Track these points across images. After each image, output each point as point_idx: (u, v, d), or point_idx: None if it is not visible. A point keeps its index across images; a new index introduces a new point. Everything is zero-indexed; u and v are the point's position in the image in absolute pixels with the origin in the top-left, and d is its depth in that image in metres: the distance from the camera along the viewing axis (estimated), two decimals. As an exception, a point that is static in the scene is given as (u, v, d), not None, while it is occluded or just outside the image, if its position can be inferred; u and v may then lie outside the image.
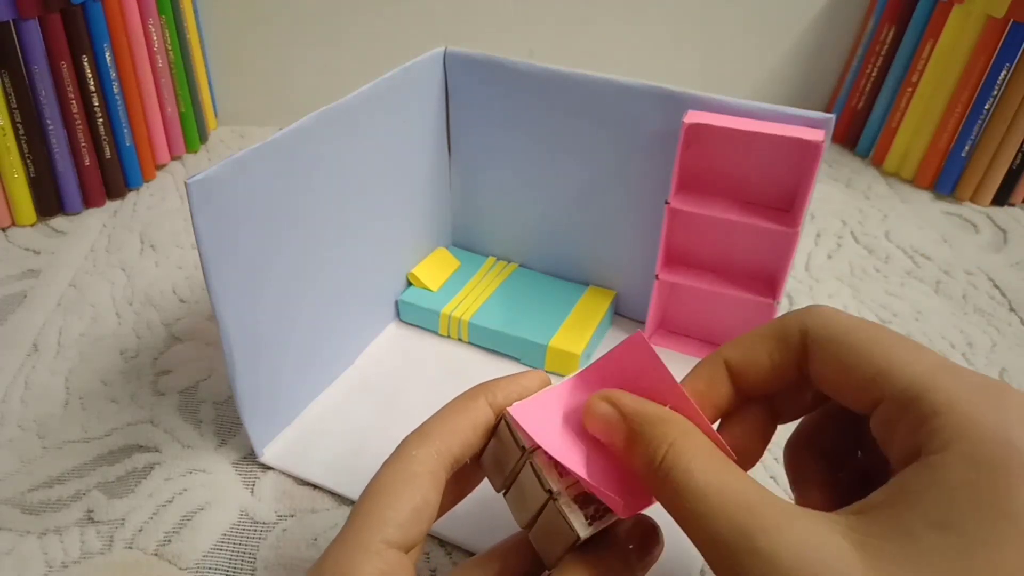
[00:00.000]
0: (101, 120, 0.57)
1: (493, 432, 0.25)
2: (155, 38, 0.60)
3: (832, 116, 0.34)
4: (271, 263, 0.33)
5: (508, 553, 0.25)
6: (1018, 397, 0.18)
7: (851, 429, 0.25)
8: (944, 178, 0.63)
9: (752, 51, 0.73)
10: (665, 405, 0.23)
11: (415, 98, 0.41)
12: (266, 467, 0.36)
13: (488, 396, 0.25)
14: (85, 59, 0.54)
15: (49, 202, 0.56)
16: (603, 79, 0.39)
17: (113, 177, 0.59)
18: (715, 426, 0.25)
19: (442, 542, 0.32)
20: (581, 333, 0.42)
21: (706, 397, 0.24)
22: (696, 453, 0.20)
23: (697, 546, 0.19)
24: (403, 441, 0.24)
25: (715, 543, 0.18)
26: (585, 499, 0.23)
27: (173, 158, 0.65)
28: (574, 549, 0.22)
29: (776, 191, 0.38)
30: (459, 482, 0.26)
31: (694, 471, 0.20)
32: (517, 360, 0.42)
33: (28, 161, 0.54)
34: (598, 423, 0.23)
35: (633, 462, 0.22)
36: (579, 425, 0.24)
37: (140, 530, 0.33)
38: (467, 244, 0.50)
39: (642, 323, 0.45)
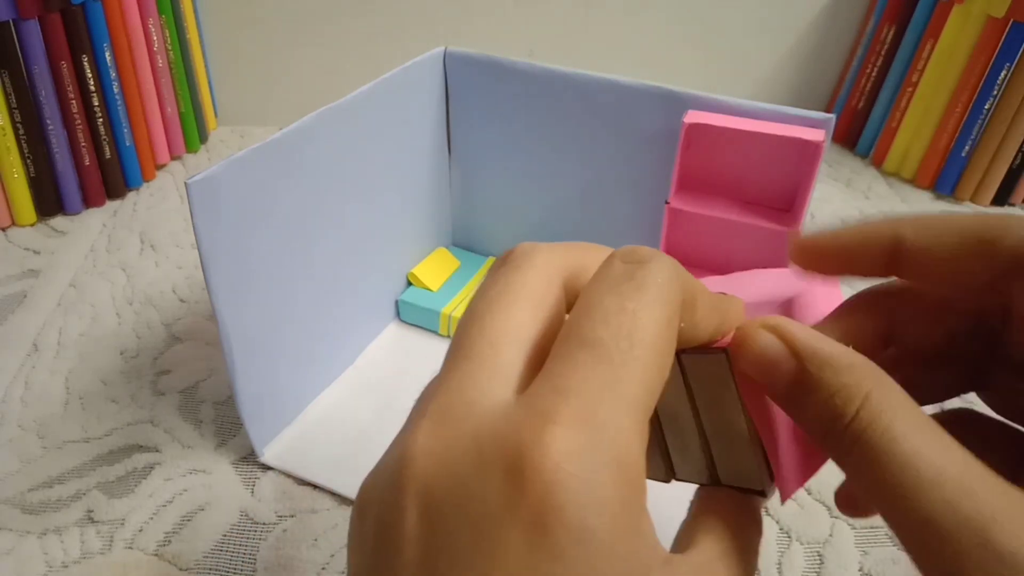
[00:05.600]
0: (101, 120, 0.57)
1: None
2: (155, 38, 0.60)
3: (832, 116, 0.34)
4: (271, 263, 0.33)
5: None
6: None
7: None
8: (944, 178, 0.63)
9: (752, 51, 0.73)
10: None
11: (415, 98, 0.41)
12: (266, 467, 0.36)
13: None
14: (85, 59, 0.54)
15: (49, 202, 0.56)
16: (603, 79, 0.39)
17: (113, 177, 0.59)
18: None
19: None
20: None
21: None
22: (898, 410, 0.16)
23: (894, 524, 0.15)
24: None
25: (927, 527, 0.14)
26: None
27: (173, 158, 0.65)
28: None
29: (776, 191, 0.38)
30: None
31: (898, 434, 0.15)
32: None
33: (28, 161, 0.54)
34: (755, 357, 0.17)
35: (800, 414, 0.17)
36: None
37: (140, 530, 0.33)
38: (467, 244, 0.50)
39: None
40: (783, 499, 0.19)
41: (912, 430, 0.15)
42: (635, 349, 0.15)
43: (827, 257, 0.20)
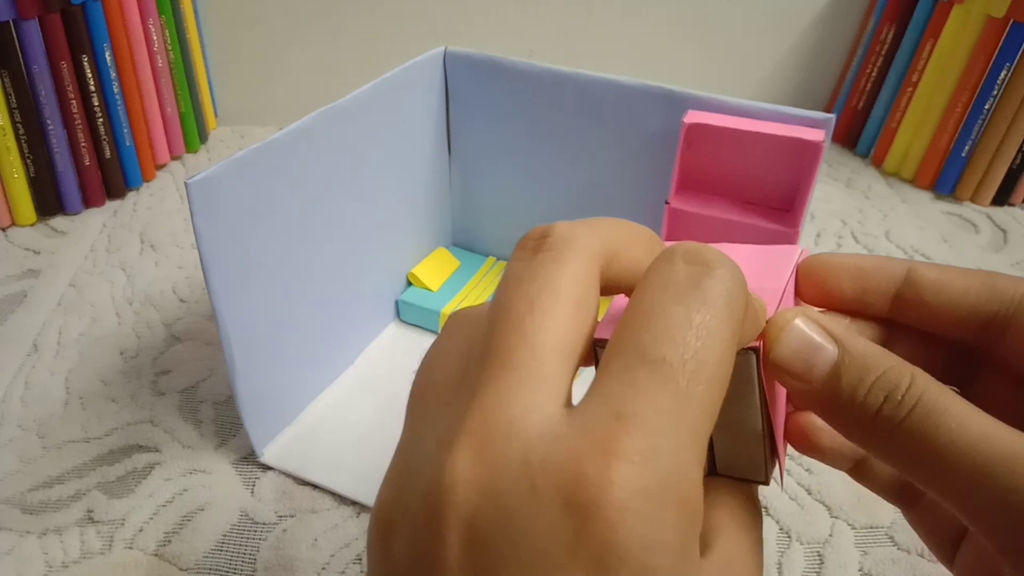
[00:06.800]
0: (101, 120, 0.57)
1: None
2: (155, 38, 0.60)
3: (832, 116, 0.34)
4: (271, 263, 0.33)
5: None
6: None
7: None
8: (944, 178, 0.63)
9: (752, 51, 0.73)
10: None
11: (415, 98, 0.41)
12: (266, 467, 0.36)
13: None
14: (85, 59, 0.54)
15: (49, 202, 0.56)
16: (603, 79, 0.39)
17: (113, 177, 0.59)
18: None
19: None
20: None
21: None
22: (945, 390, 0.16)
23: (948, 495, 0.16)
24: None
25: (989, 495, 0.15)
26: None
27: (173, 158, 0.65)
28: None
29: (776, 191, 0.38)
30: None
31: (950, 409, 0.15)
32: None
33: (28, 161, 0.54)
34: (794, 343, 0.17)
35: (838, 400, 0.17)
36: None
37: (140, 530, 0.33)
38: (467, 244, 0.50)
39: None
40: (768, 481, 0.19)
41: (961, 407, 0.15)
42: (702, 372, 0.14)
43: (844, 274, 0.20)
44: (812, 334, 0.17)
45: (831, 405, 0.17)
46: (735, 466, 0.20)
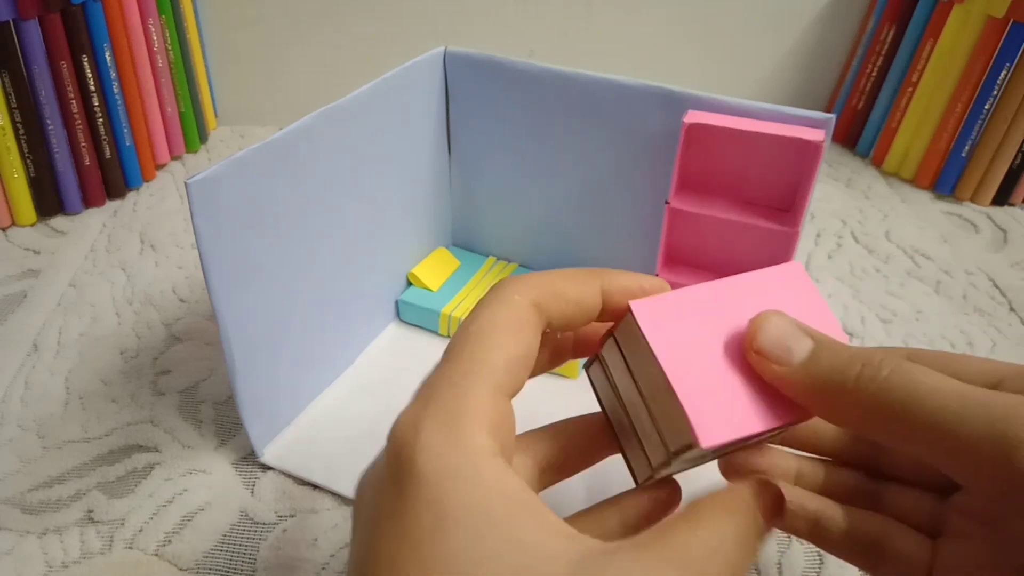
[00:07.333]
0: (101, 120, 0.57)
1: (615, 326, 0.23)
2: (155, 38, 0.60)
3: (832, 116, 0.34)
4: (271, 263, 0.33)
5: (573, 430, 0.24)
6: None
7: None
8: (944, 178, 0.63)
9: (752, 51, 0.73)
10: None
11: (415, 98, 0.41)
12: (266, 467, 0.36)
13: (604, 281, 0.22)
14: (85, 59, 0.54)
15: (49, 202, 0.56)
16: (603, 79, 0.39)
17: (113, 177, 0.59)
18: None
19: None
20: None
21: None
22: (911, 365, 0.19)
23: (933, 453, 0.18)
24: (500, 284, 0.22)
25: (967, 445, 0.17)
26: None
27: (173, 158, 0.65)
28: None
29: (776, 191, 0.38)
30: (545, 353, 0.25)
31: (923, 371, 0.18)
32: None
33: (28, 161, 0.54)
34: (773, 334, 0.20)
35: (818, 377, 0.20)
36: (701, 337, 0.22)
37: (140, 530, 0.33)
38: (467, 244, 0.50)
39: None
40: (707, 441, 0.20)
41: (928, 373, 0.18)
42: (470, 344, 0.20)
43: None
44: (791, 326, 0.21)
45: (812, 382, 0.20)
46: (674, 434, 0.21)
